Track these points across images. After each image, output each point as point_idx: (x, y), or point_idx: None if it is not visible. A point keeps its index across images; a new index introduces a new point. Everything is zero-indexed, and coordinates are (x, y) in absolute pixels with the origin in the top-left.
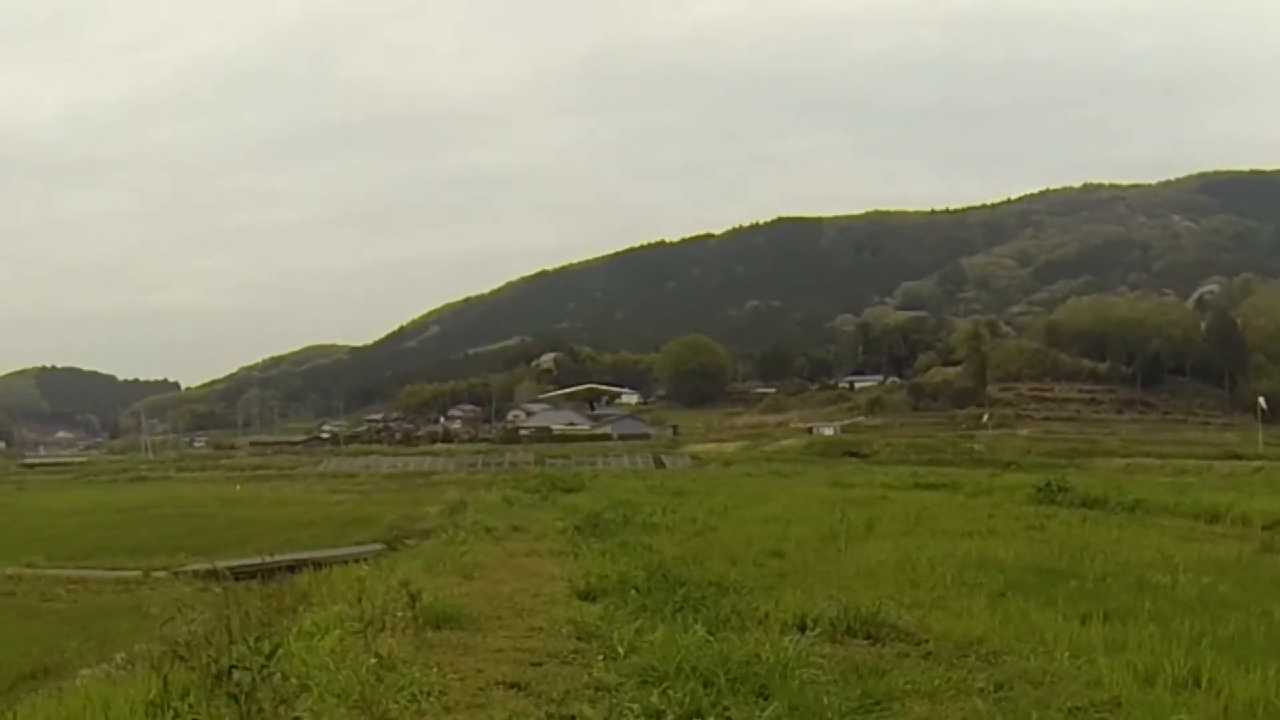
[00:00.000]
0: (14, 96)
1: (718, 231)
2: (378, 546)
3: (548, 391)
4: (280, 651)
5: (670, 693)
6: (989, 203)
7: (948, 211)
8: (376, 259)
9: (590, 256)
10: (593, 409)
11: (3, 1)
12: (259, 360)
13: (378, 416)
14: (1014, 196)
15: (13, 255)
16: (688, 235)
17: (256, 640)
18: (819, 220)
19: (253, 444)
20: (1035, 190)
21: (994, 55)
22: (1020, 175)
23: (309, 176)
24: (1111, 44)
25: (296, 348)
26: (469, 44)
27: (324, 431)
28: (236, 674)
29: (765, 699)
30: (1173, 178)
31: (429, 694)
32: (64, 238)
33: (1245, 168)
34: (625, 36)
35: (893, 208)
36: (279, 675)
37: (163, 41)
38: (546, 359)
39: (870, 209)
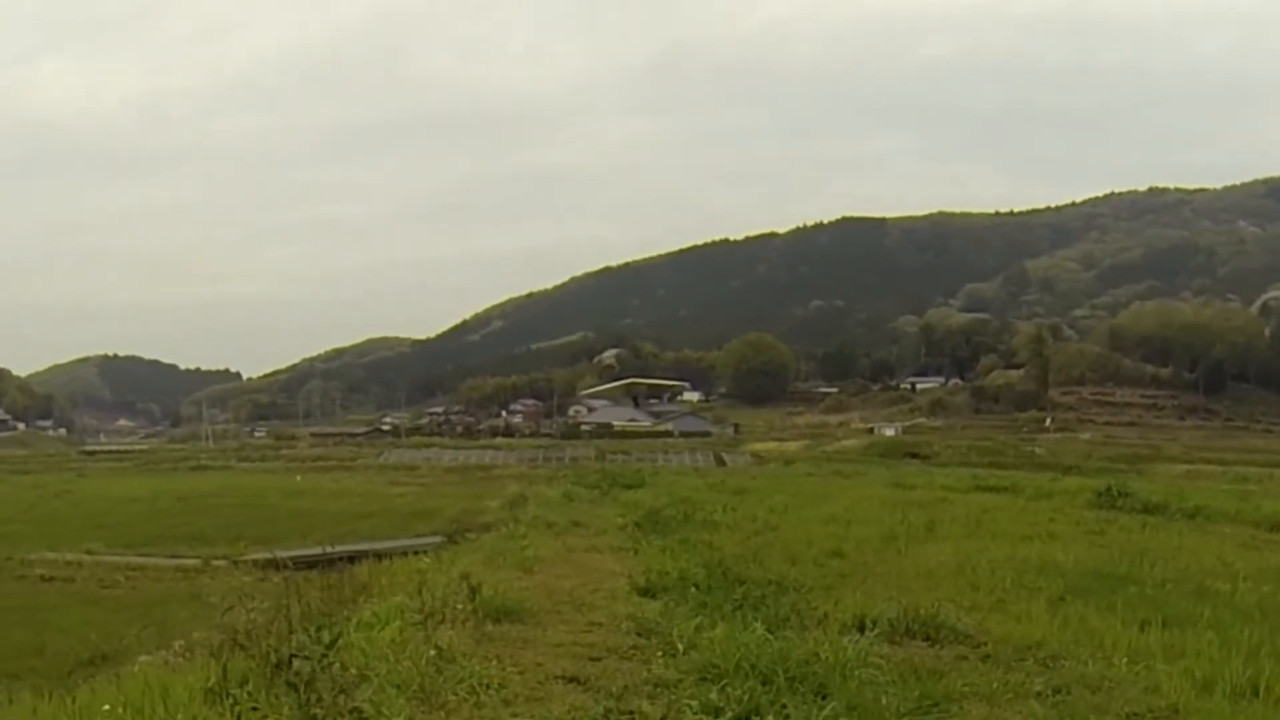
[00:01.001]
0: (83, 88)
1: (782, 230)
2: (438, 539)
3: (596, 387)
4: (340, 642)
5: (729, 690)
6: (1054, 205)
7: (1012, 214)
8: (441, 253)
9: (654, 254)
10: (637, 405)
11: None
12: (321, 351)
13: (439, 409)
14: (1079, 199)
15: (78, 245)
16: (752, 234)
17: (317, 630)
18: (883, 220)
19: (314, 435)
20: (1100, 194)
21: (1062, 58)
22: (1086, 178)
23: (375, 170)
24: (1179, 47)
25: (359, 340)
26: (539, 41)
27: (385, 423)
28: (296, 663)
29: (824, 698)
30: (1239, 182)
31: (488, 687)
32: (129, 228)
33: None
34: (694, 35)
35: (957, 209)
36: (339, 665)
37: (231, 35)
38: (609, 355)
39: (935, 210)
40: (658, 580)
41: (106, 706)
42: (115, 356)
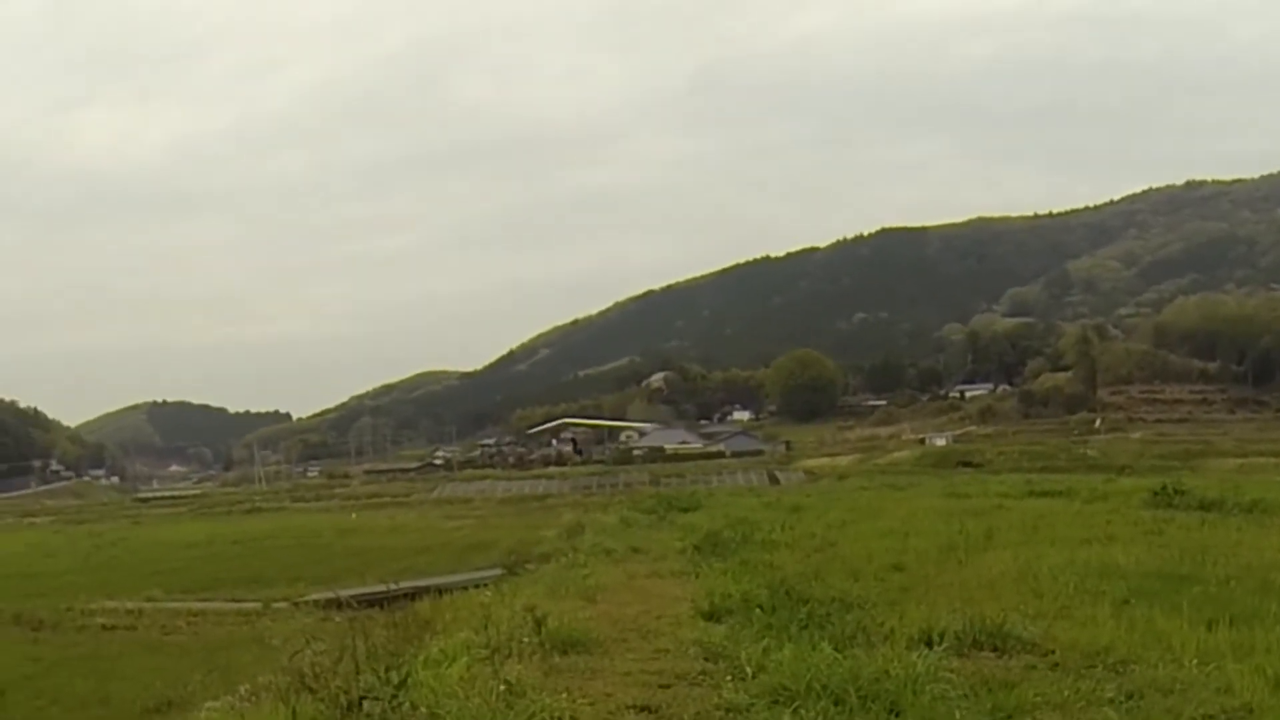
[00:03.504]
0: (122, 130)
1: (823, 244)
2: (498, 571)
3: (654, 411)
4: (409, 680)
5: (802, 712)
6: (1092, 205)
7: (1051, 215)
8: (484, 283)
9: (697, 274)
10: (576, 449)
11: (110, 37)
12: (370, 388)
13: (490, 441)
14: (1117, 197)
15: (122, 290)
16: (793, 249)
17: (385, 670)
18: (923, 229)
19: (366, 472)
20: (1138, 190)
21: (1095, 54)
22: (1123, 175)
23: (417, 202)
24: (1213, 37)
25: (407, 375)
26: (573, 64)
27: (437, 458)
28: (367, 704)
29: (897, 716)
30: (1276, 170)
31: (560, 719)
32: (172, 271)
33: None
34: (729, 52)
35: (996, 214)
36: (409, 704)
37: (269, 73)
38: (657, 378)
39: (974, 216)
40: (721, 603)
41: None
42: (164, 402)
